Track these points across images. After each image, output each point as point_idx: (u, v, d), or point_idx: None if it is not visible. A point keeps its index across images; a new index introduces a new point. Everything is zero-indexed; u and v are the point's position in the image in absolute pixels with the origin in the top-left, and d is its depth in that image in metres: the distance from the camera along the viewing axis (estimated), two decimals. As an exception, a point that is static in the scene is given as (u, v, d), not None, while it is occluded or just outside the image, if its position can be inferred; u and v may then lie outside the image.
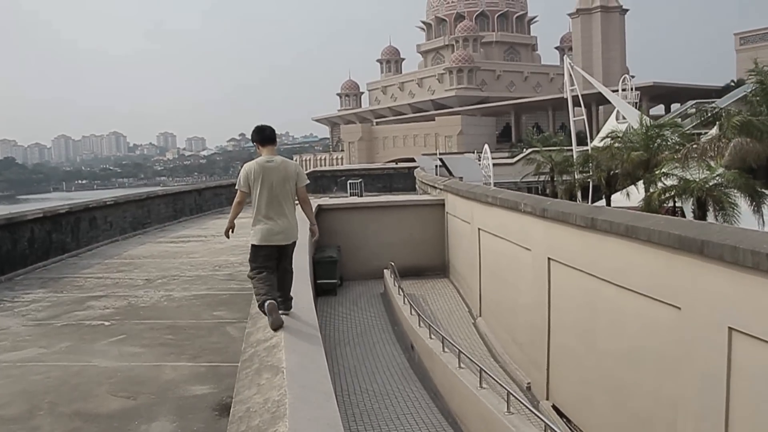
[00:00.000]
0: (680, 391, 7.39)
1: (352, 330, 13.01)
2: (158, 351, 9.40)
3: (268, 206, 7.56)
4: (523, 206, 11.93)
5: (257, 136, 7.77)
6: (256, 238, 7.46)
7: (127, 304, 12.46)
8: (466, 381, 9.30)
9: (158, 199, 26.53)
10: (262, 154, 7.70)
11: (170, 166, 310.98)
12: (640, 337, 8.18)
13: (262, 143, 7.69)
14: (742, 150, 19.05)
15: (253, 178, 7.50)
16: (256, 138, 7.79)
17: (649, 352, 7.99)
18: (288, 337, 5.33)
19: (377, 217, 19.55)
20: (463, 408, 9.73)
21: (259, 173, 7.52)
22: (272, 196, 7.56)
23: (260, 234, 7.49)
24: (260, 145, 7.67)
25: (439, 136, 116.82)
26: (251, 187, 7.52)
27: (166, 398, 7.60)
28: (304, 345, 5.47)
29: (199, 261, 17.42)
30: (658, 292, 7.86)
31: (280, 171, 7.65)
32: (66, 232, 18.51)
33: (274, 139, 7.85)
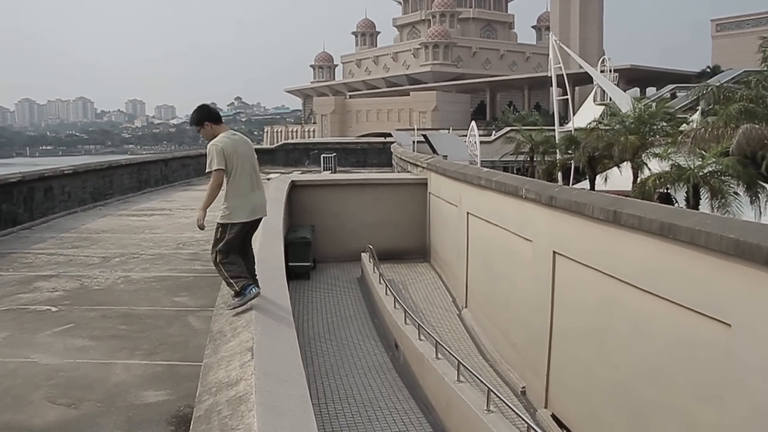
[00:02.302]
0: (725, 422, 6.43)
1: (328, 322, 11.97)
2: (109, 345, 8.32)
3: (251, 179, 6.99)
4: (525, 192, 10.83)
5: (210, 115, 7.10)
6: (239, 214, 6.84)
7: (79, 286, 11.32)
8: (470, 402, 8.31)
9: (121, 168, 25.17)
10: (216, 133, 7.07)
11: (138, 134, 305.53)
12: (671, 353, 7.13)
13: (217, 121, 7.08)
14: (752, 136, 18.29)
15: (230, 152, 6.73)
16: (208, 117, 7.09)
17: (683, 372, 6.94)
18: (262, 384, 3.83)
19: (354, 196, 18.48)
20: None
21: (234, 147, 6.84)
22: (252, 169, 6.96)
23: (247, 209, 6.92)
24: (214, 123, 7.05)
25: (414, 112, 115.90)
26: (227, 165, 6.74)
27: (114, 407, 6.54)
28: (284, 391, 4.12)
29: (162, 237, 16.26)
30: (700, 303, 6.66)
31: (246, 143, 7.19)
32: (18, 202, 17.17)
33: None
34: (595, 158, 29.21)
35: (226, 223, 6.84)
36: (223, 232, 6.88)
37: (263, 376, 3.64)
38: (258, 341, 4.43)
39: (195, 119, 7.05)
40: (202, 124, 6.93)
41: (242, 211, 6.90)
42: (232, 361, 4.22)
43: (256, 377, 3.63)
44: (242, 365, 3.95)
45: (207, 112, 6.99)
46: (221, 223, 6.90)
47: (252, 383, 3.54)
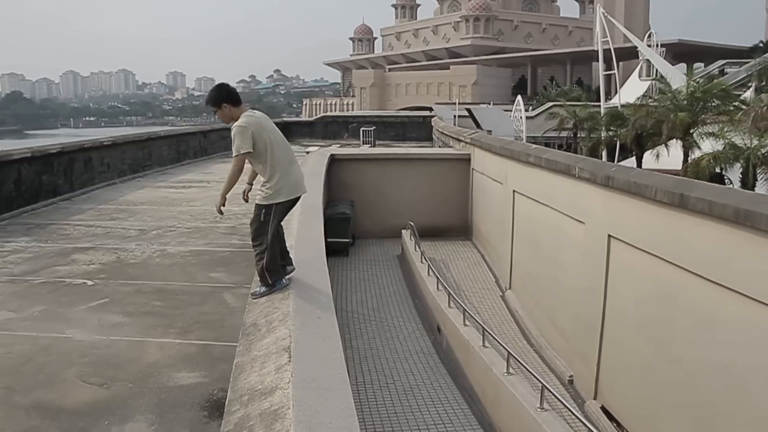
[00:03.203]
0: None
1: (366, 301, 11.57)
2: (143, 322, 8.11)
3: (287, 153, 6.55)
4: (578, 171, 10.17)
5: (230, 95, 6.44)
6: (284, 192, 6.35)
7: (115, 259, 11.16)
8: (521, 397, 7.75)
9: (160, 140, 25.09)
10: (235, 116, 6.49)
11: (179, 105, 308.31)
12: (743, 351, 6.58)
13: (236, 102, 6.43)
14: None
15: (259, 131, 6.22)
16: (228, 97, 6.41)
17: (756, 372, 6.41)
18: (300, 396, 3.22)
19: (395, 171, 17.99)
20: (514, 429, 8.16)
21: (261, 125, 6.36)
22: (285, 143, 6.45)
23: (291, 185, 6.43)
24: (233, 105, 6.40)
25: (453, 86, 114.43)
26: (258, 145, 6.25)
27: (146, 388, 6.31)
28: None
29: (200, 210, 16.07)
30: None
31: (270, 120, 6.72)
32: (58, 173, 17.15)
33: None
34: (643, 136, 28.18)
35: (270, 204, 6.35)
36: (267, 214, 6.38)
37: (302, 384, 3.16)
38: (296, 339, 3.86)
39: (213, 99, 6.40)
40: (219, 105, 6.31)
41: (287, 188, 6.41)
42: (267, 362, 3.63)
43: (293, 386, 3.12)
44: (278, 369, 3.40)
45: (227, 92, 6.39)
46: (264, 205, 6.39)
47: (289, 394, 3.02)
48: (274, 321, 4.06)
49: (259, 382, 3.19)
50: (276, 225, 6.39)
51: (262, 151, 6.34)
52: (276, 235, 6.44)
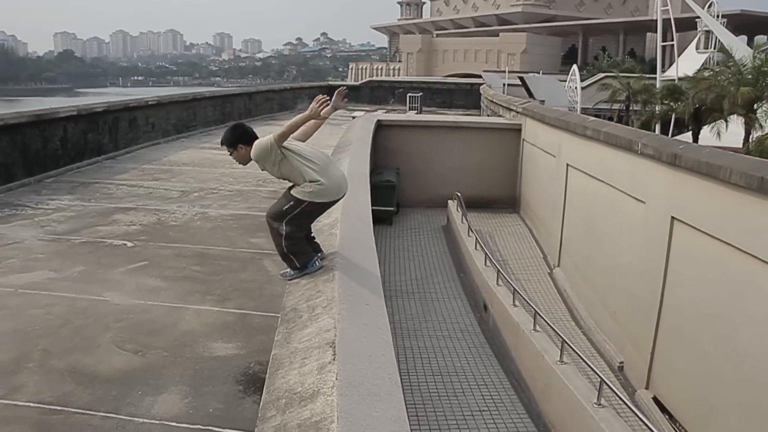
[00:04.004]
0: None
1: (410, 273, 11.19)
2: (181, 287, 7.93)
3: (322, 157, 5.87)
4: (641, 147, 9.48)
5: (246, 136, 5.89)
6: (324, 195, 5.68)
7: (156, 221, 11.04)
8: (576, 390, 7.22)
9: (205, 101, 24.96)
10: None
11: (225, 67, 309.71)
12: None
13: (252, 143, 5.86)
14: None
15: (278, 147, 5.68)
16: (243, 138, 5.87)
17: None
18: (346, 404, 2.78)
19: (442, 139, 17.48)
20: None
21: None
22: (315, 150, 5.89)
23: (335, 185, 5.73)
24: (249, 146, 5.86)
25: (502, 54, 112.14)
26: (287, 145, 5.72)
27: (181, 358, 6.12)
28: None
29: (242, 173, 15.88)
30: None
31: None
32: (103, 132, 17.12)
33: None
34: (701, 110, 26.94)
35: (304, 200, 5.70)
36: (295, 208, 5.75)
37: (348, 389, 2.73)
38: (342, 331, 3.36)
39: (228, 140, 5.83)
40: (235, 146, 5.79)
41: (328, 191, 5.70)
42: (308, 358, 3.17)
43: (338, 391, 2.69)
44: (321, 368, 2.98)
45: (242, 133, 5.86)
46: (300, 199, 5.74)
47: (333, 402, 2.59)
48: (317, 307, 3.58)
49: (299, 383, 2.82)
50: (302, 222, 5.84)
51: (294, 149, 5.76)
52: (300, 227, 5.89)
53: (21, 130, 13.67)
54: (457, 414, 7.08)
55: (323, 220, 5.70)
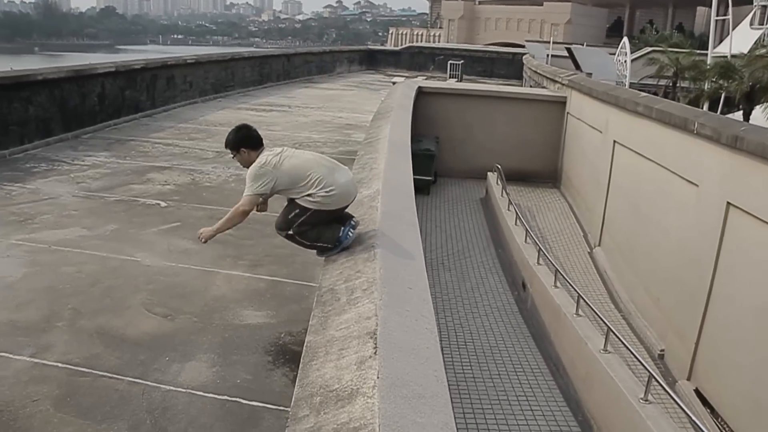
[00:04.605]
0: None
1: (447, 247, 10.89)
2: (213, 251, 7.78)
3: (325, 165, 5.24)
4: (697, 126, 8.91)
5: (250, 140, 5.29)
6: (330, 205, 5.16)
7: (190, 181, 10.92)
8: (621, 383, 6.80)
9: (243, 61, 24.74)
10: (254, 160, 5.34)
11: (265, 27, 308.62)
12: None
13: (256, 146, 5.33)
14: None
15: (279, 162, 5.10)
16: (246, 142, 5.28)
17: None
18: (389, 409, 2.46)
19: (484, 109, 17.02)
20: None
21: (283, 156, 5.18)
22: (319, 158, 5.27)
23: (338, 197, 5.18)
24: (253, 150, 5.30)
25: (545, 24, 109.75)
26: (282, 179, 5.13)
27: (211, 324, 5.98)
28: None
29: (279, 135, 15.70)
30: None
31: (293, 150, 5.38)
32: (141, 89, 17.03)
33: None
34: (755, 90, 25.83)
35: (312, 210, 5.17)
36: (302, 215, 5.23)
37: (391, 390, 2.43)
38: (384, 320, 3.02)
39: (230, 143, 5.33)
40: (237, 149, 5.28)
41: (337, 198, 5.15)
42: (347, 350, 2.85)
43: (380, 392, 2.39)
44: (360, 363, 2.69)
45: (245, 136, 5.31)
46: (305, 207, 5.21)
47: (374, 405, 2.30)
48: (357, 290, 3.25)
49: (336, 379, 2.56)
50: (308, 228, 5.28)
51: (289, 182, 5.17)
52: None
53: (60, 85, 13.62)
54: (492, 397, 6.82)
55: (364, 191, 5.40)
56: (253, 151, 5.28)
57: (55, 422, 4.51)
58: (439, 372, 2.54)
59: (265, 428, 4.52)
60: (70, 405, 4.70)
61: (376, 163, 6.38)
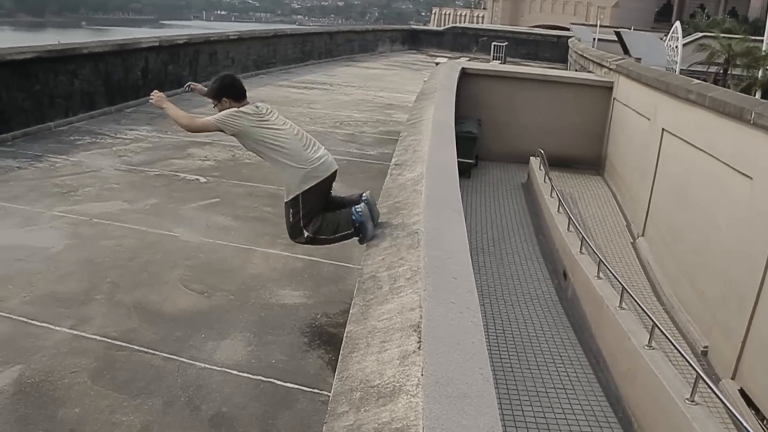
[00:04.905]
0: None
1: (487, 231, 10.71)
2: (251, 228, 7.76)
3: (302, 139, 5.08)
4: (755, 116, 8.52)
5: (233, 89, 5.09)
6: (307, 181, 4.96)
7: (230, 157, 10.92)
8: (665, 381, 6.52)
9: (286, 38, 24.67)
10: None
11: (307, 5, 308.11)
12: None
13: (238, 98, 5.11)
14: None
15: (255, 119, 4.90)
16: (230, 91, 5.10)
17: None
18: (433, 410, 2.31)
19: (527, 92, 16.71)
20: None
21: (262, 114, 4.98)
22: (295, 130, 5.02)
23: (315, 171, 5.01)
24: (235, 101, 5.09)
25: (592, 6, 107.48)
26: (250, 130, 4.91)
27: (247, 303, 5.95)
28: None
29: (320, 113, 15.64)
30: None
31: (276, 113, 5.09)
32: (183, 64, 17.08)
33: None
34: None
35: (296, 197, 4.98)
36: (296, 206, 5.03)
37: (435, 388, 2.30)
38: (428, 312, 2.89)
39: (212, 91, 5.15)
40: (219, 98, 5.09)
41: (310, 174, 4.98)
42: (389, 342, 2.71)
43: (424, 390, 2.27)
44: (403, 357, 2.56)
45: (229, 85, 5.12)
46: (291, 201, 5.07)
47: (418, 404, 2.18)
48: (400, 278, 3.11)
49: (378, 374, 2.45)
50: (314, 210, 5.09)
51: (262, 140, 4.98)
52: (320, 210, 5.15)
53: (104, 58, 13.72)
54: (530, 388, 6.67)
55: (406, 174, 5.24)
56: (236, 103, 5.00)
57: (92, 395, 4.52)
58: (485, 370, 2.41)
59: (299, 410, 4.47)
60: (106, 378, 4.71)
61: (420, 145, 6.22)
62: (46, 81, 12.03)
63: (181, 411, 4.40)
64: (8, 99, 11.16)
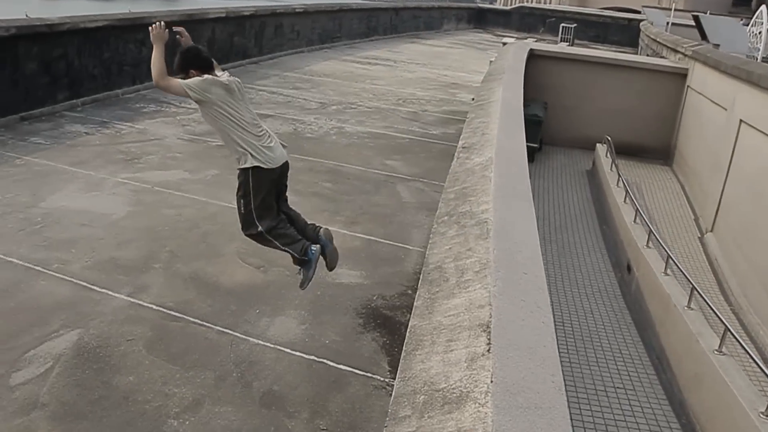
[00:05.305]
0: None
1: (549, 218, 10.41)
2: (311, 204, 7.70)
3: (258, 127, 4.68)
4: None
5: (198, 60, 4.68)
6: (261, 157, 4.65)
7: (292, 131, 10.87)
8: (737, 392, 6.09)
9: (351, 12, 24.50)
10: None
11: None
12: None
13: (207, 69, 4.70)
14: None
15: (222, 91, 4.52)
16: (196, 62, 4.66)
17: None
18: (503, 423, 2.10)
19: (596, 76, 16.14)
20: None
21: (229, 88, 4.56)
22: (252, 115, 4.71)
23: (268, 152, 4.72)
24: (203, 72, 4.64)
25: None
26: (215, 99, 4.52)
27: (304, 280, 5.84)
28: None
29: (383, 90, 15.48)
30: None
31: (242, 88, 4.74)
32: (249, 36, 17.11)
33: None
34: None
35: (247, 174, 4.67)
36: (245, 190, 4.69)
37: (505, 397, 2.12)
38: (498, 311, 2.68)
39: (177, 65, 4.74)
40: (186, 71, 4.69)
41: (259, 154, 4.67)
42: (456, 341, 2.54)
43: (494, 400, 2.08)
44: (472, 360, 2.36)
45: (194, 56, 4.76)
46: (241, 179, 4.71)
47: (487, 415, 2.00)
48: (468, 271, 2.92)
49: (443, 376, 2.30)
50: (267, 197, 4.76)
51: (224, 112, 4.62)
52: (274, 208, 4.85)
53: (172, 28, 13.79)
54: (588, 385, 6.44)
55: (474, 158, 5.03)
56: (204, 73, 4.72)
57: (147, 364, 4.53)
58: (557, 377, 2.23)
59: (351, 394, 4.39)
60: (160, 348, 4.71)
61: (488, 128, 6.00)
62: (116, 49, 12.18)
63: (232, 387, 4.37)
64: (80, 66, 11.34)
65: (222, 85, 4.58)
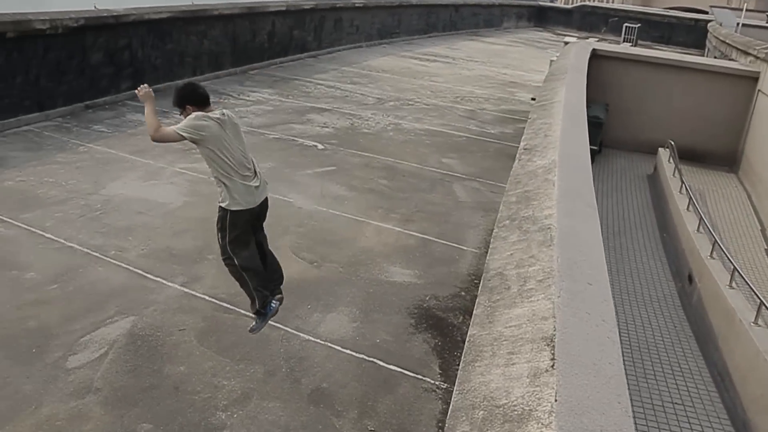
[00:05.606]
0: None
1: (607, 223, 10.11)
2: (365, 200, 7.64)
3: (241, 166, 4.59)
4: None
5: (194, 96, 4.70)
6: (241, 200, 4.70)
7: (348, 126, 10.83)
8: None
9: (411, 8, 24.38)
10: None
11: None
12: None
13: (201, 105, 4.69)
14: None
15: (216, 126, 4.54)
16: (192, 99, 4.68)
17: None
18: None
19: (660, 78, 15.63)
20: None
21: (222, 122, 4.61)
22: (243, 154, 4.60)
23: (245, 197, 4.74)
24: (199, 108, 4.66)
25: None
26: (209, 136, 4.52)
27: (356, 277, 5.83)
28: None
29: (441, 87, 15.33)
30: None
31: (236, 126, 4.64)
32: (308, 30, 17.16)
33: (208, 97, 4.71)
34: None
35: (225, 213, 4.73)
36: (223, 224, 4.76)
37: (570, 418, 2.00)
38: (563, 324, 2.56)
39: (175, 100, 4.75)
40: (183, 106, 4.73)
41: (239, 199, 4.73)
42: (518, 354, 2.42)
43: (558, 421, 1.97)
44: (535, 376, 2.24)
45: (191, 92, 4.78)
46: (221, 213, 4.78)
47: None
48: (530, 279, 2.78)
49: (504, 391, 2.17)
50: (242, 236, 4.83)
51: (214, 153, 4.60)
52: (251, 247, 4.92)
53: (233, 20, 13.95)
54: (645, 401, 6.20)
55: (537, 160, 4.85)
56: (199, 109, 4.67)
57: (197, 354, 4.54)
58: (623, 398, 2.08)
59: (400, 396, 4.31)
60: (212, 340, 4.72)
61: (551, 129, 5.81)
62: (178, 40, 12.36)
63: (281, 382, 4.34)
64: (143, 56, 11.54)
65: (214, 121, 4.61)
